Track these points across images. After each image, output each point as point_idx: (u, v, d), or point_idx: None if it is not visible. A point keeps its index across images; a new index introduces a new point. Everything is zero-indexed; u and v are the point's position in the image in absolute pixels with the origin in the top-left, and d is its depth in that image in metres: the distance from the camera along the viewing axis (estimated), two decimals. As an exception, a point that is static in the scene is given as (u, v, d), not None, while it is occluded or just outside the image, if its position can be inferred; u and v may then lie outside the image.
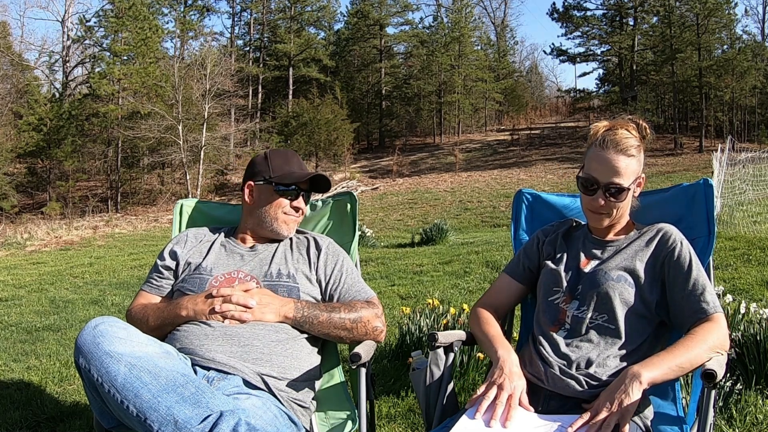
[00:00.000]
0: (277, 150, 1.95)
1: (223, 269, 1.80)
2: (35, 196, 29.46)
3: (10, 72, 31.96)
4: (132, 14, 28.24)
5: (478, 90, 37.38)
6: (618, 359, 1.47)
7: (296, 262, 1.85)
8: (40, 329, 5.21)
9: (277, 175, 1.86)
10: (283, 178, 1.85)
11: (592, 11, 35.63)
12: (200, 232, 1.94)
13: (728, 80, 30.78)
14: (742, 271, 5.27)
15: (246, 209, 1.91)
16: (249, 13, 40.27)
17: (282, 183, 1.85)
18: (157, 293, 1.84)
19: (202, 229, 1.98)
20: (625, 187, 1.52)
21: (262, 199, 1.87)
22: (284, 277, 1.79)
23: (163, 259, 1.87)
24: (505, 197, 18.75)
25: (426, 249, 9.24)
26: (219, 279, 1.76)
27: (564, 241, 1.68)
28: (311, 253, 1.89)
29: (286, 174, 1.86)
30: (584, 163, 1.58)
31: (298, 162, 1.91)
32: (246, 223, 1.91)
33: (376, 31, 38.30)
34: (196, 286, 1.76)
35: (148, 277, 1.88)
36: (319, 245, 1.91)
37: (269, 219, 1.86)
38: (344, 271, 1.87)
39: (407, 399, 2.94)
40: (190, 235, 1.92)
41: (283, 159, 1.89)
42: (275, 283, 1.77)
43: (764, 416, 2.46)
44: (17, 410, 3.06)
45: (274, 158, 1.89)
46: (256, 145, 33.63)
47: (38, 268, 10.07)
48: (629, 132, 1.55)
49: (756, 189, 11.09)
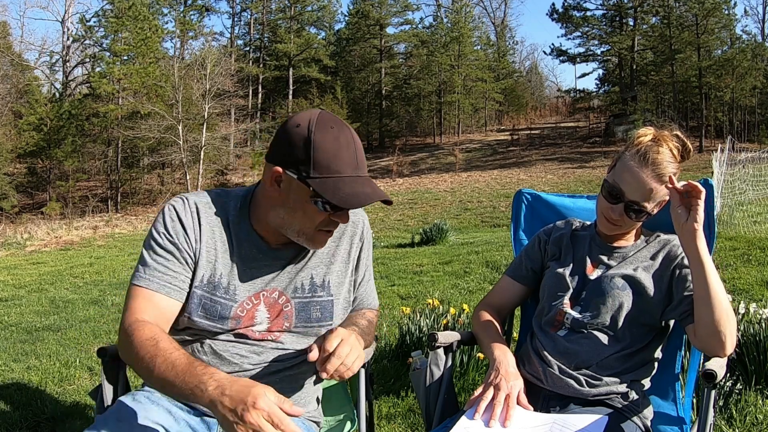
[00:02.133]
0: (324, 123, 1.23)
1: (248, 288, 1.32)
2: (35, 196, 29.47)
3: (10, 72, 31.97)
4: (132, 14, 28.25)
5: (478, 90, 37.39)
6: (617, 360, 1.47)
7: (331, 258, 1.42)
8: (40, 329, 5.21)
9: (321, 176, 1.21)
10: (327, 188, 1.21)
11: (591, 11, 35.68)
12: (209, 213, 1.33)
13: (728, 80, 30.80)
14: (742, 271, 5.27)
15: (267, 196, 1.30)
16: (249, 13, 40.31)
17: (325, 195, 1.21)
18: (177, 297, 1.28)
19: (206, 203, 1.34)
20: (648, 211, 1.48)
21: (293, 199, 1.26)
22: (318, 289, 1.39)
23: (178, 244, 1.28)
24: (505, 197, 18.74)
25: (426, 249, 9.23)
26: (246, 306, 1.32)
27: (570, 242, 1.65)
28: (354, 245, 1.45)
29: (334, 181, 1.21)
30: (616, 166, 1.51)
31: (352, 152, 1.24)
32: (267, 215, 1.31)
33: (376, 31, 38.31)
34: (216, 316, 1.29)
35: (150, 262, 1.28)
36: (363, 232, 1.47)
37: (296, 229, 1.29)
38: (370, 267, 1.52)
39: (407, 399, 2.94)
40: (202, 218, 1.31)
41: (332, 146, 1.22)
42: (307, 301, 1.37)
43: (764, 416, 2.46)
44: (17, 410, 3.05)
45: (320, 143, 1.21)
46: (256, 145, 33.65)
47: (38, 268, 10.07)
48: (672, 154, 1.47)
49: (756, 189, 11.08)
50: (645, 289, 1.48)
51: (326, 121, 1.23)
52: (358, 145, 1.26)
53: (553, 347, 1.51)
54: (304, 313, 1.37)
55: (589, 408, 1.42)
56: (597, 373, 1.45)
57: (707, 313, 1.34)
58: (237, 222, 1.34)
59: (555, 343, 1.51)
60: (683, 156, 1.48)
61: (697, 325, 1.37)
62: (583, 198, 1.96)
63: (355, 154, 1.24)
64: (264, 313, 1.34)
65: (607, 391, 1.44)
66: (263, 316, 1.34)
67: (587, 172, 24.69)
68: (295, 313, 1.37)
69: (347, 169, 1.22)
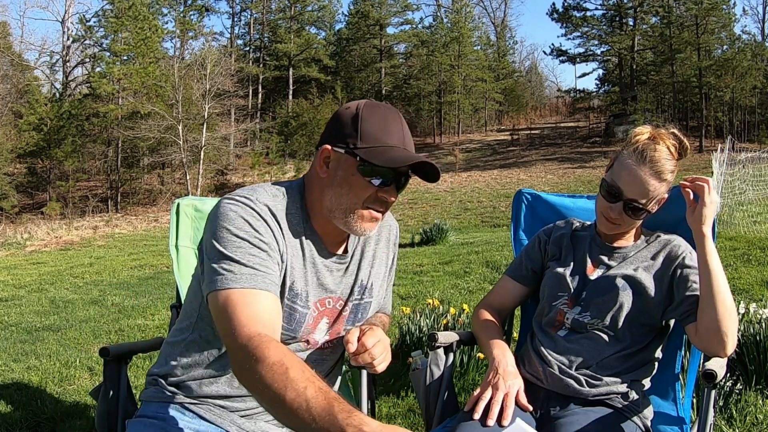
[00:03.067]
0: (373, 104, 1.27)
1: (316, 295, 1.29)
2: (35, 196, 29.47)
3: (11, 72, 31.98)
4: (132, 14, 28.27)
5: (478, 90, 37.42)
6: (618, 360, 1.47)
7: (372, 261, 1.41)
8: (40, 329, 5.21)
9: (368, 146, 1.22)
10: (374, 155, 1.21)
11: (591, 11, 35.74)
12: (281, 215, 1.24)
13: (728, 80, 30.82)
14: (742, 271, 5.27)
15: (318, 179, 1.27)
16: (249, 13, 40.32)
17: (372, 161, 1.20)
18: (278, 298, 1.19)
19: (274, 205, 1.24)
20: (647, 209, 1.48)
21: (339, 175, 1.24)
22: (366, 292, 1.38)
23: (270, 243, 1.18)
24: (505, 197, 18.74)
25: (426, 249, 9.23)
26: (313, 314, 1.28)
27: (571, 242, 1.65)
28: (390, 248, 1.46)
29: (382, 149, 1.22)
30: (613, 166, 1.52)
31: (399, 130, 1.26)
32: (320, 201, 1.26)
33: (376, 31, 38.33)
34: (293, 324, 1.25)
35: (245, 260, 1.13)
36: (396, 236, 1.48)
37: (343, 208, 1.24)
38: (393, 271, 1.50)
39: (407, 399, 2.95)
40: (279, 219, 1.23)
41: (380, 121, 1.25)
42: (358, 303, 1.37)
43: (764, 416, 2.46)
44: (17, 410, 3.05)
45: (368, 117, 1.24)
46: (256, 145, 33.66)
47: (38, 268, 10.07)
48: (670, 151, 1.47)
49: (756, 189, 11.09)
50: (645, 290, 1.48)
51: (376, 103, 1.28)
52: (406, 127, 1.27)
53: (553, 347, 1.51)
54: (354, 315, 1.37)
55: (589, 408, 1.42)
56: (597, 373, 1.45)
57: (710, 311, 1.34)
58: (300, 223, 1.27)
59: (555, 343, 1.51)
60: (681, 154, 1.49)
61: (699, 323, 1.37)
62: (583, 198, 1.96)
63: (402, 131, 1.26)
64: (325, 320, 1.31)
65: (607, 391, 1.44)
66: (324, 323, 1.32)
67: (587, 172, 24.71)
68: (351, 316, 1.36)
69: (394, 141, 1.24)
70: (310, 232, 1.27)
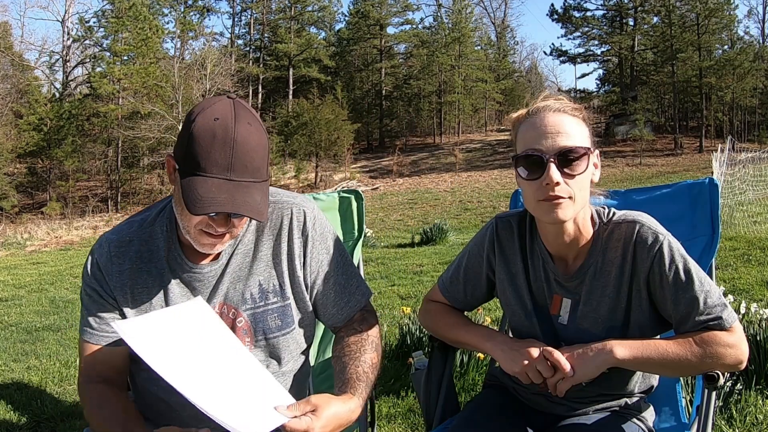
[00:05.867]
0: (212, 113, 1.09)
1: None
2: (35, 196, 29.47)
3: (11, 72, 31.97)
4: (132, 14, 28.27)
5: (478, 90, 37.41)
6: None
7: (280, 257, 1.27)
8: (40, 329, 5.21)
9: (188, 172, 1.08)
10: (188, 188, 1.07)
11: (592, 12, 35.75)
12: (122, 239, 1.24)
13: (729, 80, 30.81)
14: (742, 271, 5.27)
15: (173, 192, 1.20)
16: (249, 13, 40.31)
17: (184, 194, 1.08)
18: None
19: (117, 228, 1.27)
20: (583, 150, 1.17)
21: (177, 192, 1.13)
22: (271, 295, 1.26)
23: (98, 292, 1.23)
24: (505, 197, 18.74)
25: (426, 249, 9.23)
26: None
27: (522, 262, 1.36)
28: (295, 241, 1.28)
29: (198, 180, 1.07)
30: (516, 142, 1.25)
31: (227, 153, 1.06)
32: None
33: (376, 31, 38.33)
34: None
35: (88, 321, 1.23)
36: (305, 226, 1.29)
37: (183, 224, 1.16)
38: (332, 263, 1.33)
39: (407, 399, 2.94)
40: (107, 258, 1.23)
41: (207, 140, 1.06)
42: (262, 310, 1.25)
43: (764, 416, 2.46)
44: (17, 410, 3.06)
45: (198, 133, 1.07)
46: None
47: (38, 268, 10.07)
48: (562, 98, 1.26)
49: (756, 189, 11.09)
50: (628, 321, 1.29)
51: (216, 111, 1.09)
52: (243, 146, 1.07)
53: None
54: (262, 324, 1.25)
55: (591, 410, 1.42)
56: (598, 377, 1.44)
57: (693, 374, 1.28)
58: (164, 239, 1.23)
59: None
60: None
61: None
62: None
63: (232, 154, 1.06)
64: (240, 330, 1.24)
65: (607, 392, 1.43)
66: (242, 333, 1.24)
67: (587, 172, 24.66)
68: (252, 326, 1.25)
69: (216, 169, 1.06)
70: (175, 245, 1.23)
